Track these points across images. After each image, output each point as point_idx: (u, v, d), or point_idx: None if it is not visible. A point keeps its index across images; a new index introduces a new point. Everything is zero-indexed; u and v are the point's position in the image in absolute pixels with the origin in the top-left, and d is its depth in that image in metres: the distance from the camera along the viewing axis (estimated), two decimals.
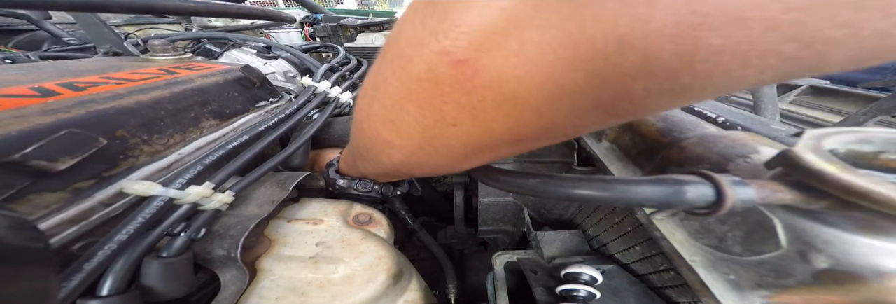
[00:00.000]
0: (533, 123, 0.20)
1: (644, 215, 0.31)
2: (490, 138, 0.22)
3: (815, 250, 0.20)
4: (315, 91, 0.73)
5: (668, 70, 0.14)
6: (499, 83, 0.18)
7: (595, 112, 0.18)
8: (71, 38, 1.40)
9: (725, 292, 0.23)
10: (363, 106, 0.29)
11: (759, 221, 0.23)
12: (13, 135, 0.30)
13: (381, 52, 0.25)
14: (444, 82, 0.19)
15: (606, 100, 0.17)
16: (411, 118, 0.23)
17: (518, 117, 0.19)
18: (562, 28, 0.15)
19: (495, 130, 0.21)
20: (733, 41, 0.13)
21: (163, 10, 0.68)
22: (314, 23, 1.70)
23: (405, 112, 0.23)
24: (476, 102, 0.19)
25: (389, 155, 0.29)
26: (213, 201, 0.40)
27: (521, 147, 0.24)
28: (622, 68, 0.15)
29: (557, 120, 0.19)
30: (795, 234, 0.21)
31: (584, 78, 0.16)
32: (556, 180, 0.25)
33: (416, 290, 0.45)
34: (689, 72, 0.14)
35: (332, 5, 8.14)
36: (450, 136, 0.23)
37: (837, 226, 0.20)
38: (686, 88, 0.15)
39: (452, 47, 0.18)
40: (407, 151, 0.27)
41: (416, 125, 0.24)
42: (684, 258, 0.26)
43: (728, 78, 0.14)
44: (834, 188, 0.18)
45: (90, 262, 0.30)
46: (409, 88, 0.22)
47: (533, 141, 0.23)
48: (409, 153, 0.27)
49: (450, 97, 0.20)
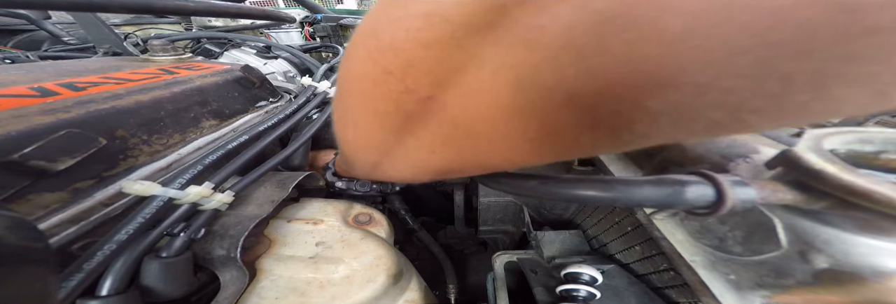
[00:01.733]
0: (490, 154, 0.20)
1: (644, 215, 0.31)
2: (461, 164, 0.22)
3: (815, 250, 0.20)
4: (315, 91, 0.72)
5: (607, 130, 0.15)
6: (466, 115, 0.18)
7: (554, 153, 0.19)
8: (71, 38, 1.40)
9: (725, 292, 0.23)
10: (337, 120, 0.28)
11: (760, 221, 0.23)
12: (13, 135, 0.30)
13: (337, 82, 0.25)
14: (414, 115, 0.19)
15: (561, 146, 0.17)
16: (385, 145, 0.23)
17: (478, 148, 0.20)
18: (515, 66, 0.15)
19: (467, 157, 0.21)
20: (667, 106, 0.13)
21: (163, 10, 0.68)
22: (314, 23, 1.70)
23: (377, 139, 0.23)
24: (449, 132, 0.19)
25: (369, 173, 0.30)
26: (212, 201, 0.40)
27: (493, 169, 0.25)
28: (569, 121, 0.15)
29: (519, 156, 0.20)
30: (795, 234, 0.21)
31: (538, 128, 0.16)
32: (556, 180, 0.25)
33: (416, 290, 0.45)
34: (626, 130, 0.15)
35: (332, 5, 8.14)
36: (427, 159, 0.23)
37: (837, 226, 0.20)
38: (623, 144, 0.16)
39: (415, 86, 0.18)
40: (382, 168, 0.27)
41: (391, 149, 0.24)
42: (684, 258, 0.26)
43: (660, 137, 0.15)
44: (834, 188, 0.18)
45: (90, 262, 0.30)
46: (380, 121, 0.22)
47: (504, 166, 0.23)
48: (383, 170, 0.27)
49: (422, 127, 0.20)
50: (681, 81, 0.12)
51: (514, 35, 0.14)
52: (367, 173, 0.30)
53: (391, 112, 0.20)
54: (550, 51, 0.14)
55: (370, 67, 0.19)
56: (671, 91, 0.13)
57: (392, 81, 0.18)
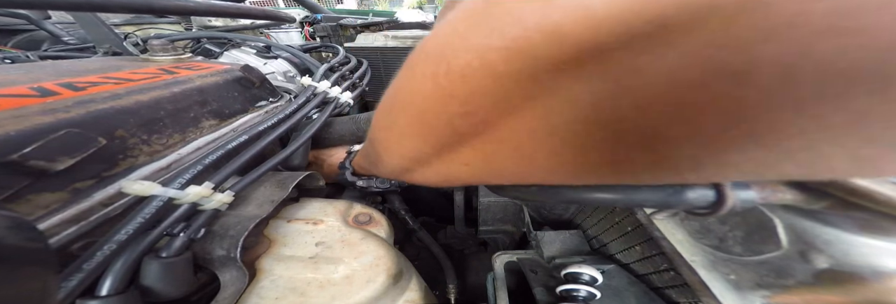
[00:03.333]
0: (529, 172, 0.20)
1: (644, 215, 0.31)
2: (492, 178, 0.23)
3: (816, 250, 0.20)
4: (315, 91, 0.72)
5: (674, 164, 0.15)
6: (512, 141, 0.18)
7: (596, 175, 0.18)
8: (71, 38, 1.39)
9: (725, 292, 0.23)
10: (381, 126, 0.28)
11: (760, 221, 0.23)
12: (12, 135, 0.30)
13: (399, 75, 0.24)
14: (460, 132, 0.19)
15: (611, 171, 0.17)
16: (420, 154, 0.24)
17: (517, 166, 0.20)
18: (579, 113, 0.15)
19: (502, 174, 0.21)
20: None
21: (163, 10, 0.68)
22: (314, 23, 1.70)
23: (417, 149, 0.23)
24: (490, 151, 0.19)
25: (393, 174, 0.30)
26: (212, 201, 0.40)
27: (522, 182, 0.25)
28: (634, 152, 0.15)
29: (557, 176, 0.19)
30: (796, 234, 0.21)
31: (598, 156, 0.16)
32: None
33: (416, 290, 0.45)
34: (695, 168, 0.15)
35: (332, 5, 8.14)
36: (459, 171, 0.23)
37: (838, 226, 0.20)
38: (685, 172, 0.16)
39: (475, 110, 0.18)
40: (411, 174, 0.28)
41: (424, 158, 0.24)
42: (684, 258, 0.26)
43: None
44: (834, 188, 0.18)
45: (89, 262, 0.30)
46: (426, 135, 0.22)
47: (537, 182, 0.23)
48: (411, 175, 0.28)
49: (466, 144, 0.20)
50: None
51: (606, 74, 0.14)
52: (394, 175, 0.31)
53: (442, 130, 0.20)
54: (644, 91, 0.13)
55: (431, 87, 0.18)
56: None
57: (454, 104, 0.18)
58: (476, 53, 0.16)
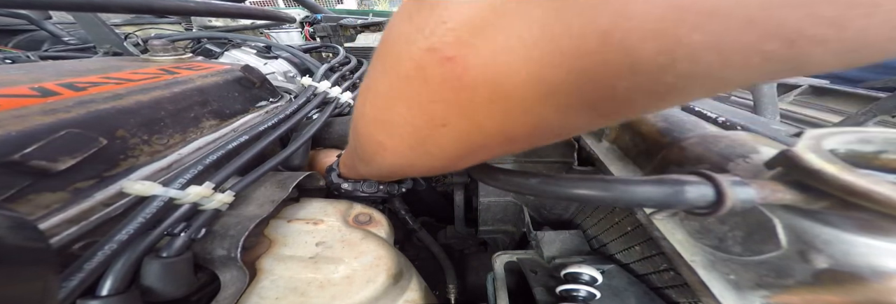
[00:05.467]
0: (523, 121, 0.19)
1: (644, 215, 0.31)
2: (481, 137, 0.22)
3: (815, 251, 0.20)
4: (315, 91, 0.73)
5: (651, 69, 0.14)
6: (487, 81, 0.17)
7: (583, 112, 0.18)
8: (71, 38, 1.40)
9: (725, 292, 0.23)
10: (358, 107, 0.29)
11: (760, 221, 0.23)
12: (13, 135, 0.30)
13: (375, 51, 0.25)
14: (432, 81, 0.19)
15: (592, 99, 0.17)
16: (401, 119, 0.23)
17: (507, 116, 0.19)
18: (545, 23, 0.14)
19: (486, 129, 0.21)
20: (713, 39, 0.12)
21: (163, 10, 0.68)
22: (314, 23, 1.70)
23: (395, 113, 0.23)
24: (465, 100, 0.19)
25: (382, 157, 0.29)
26: (213, 201, 0.40)
27: (513, 146, 0.24)
28: (606, 66, 0.14)
29: (547, 119, 0.19)
30: (795, 234, 0.21)
31: (568, 75, 0.15)
32: (556, 179, 0.25)
33: (416, 290, 0.45)
34: (671, 71, 0.14)
35: (332, 5, 8.14)
36: (440, 136, 0.23)
37: (837, 226, 0.20)
38: (670, 89, 0.15)
39: (440, 44, 0.17)
40: (399, 152, 0.27)
41: (407, 126, 0.23)
42: (684, 258, 0.26)
43: (711, 78, 0.14)
44: (834, 188, 0.18)
45: (90, 262, 0.30)
46: (398, 87, 0.22)
47: (525, 140, 0.23)
48: (401, 155, 0.27)
49: (438, 96, 0.20)
50: (724, 12, 0.12)
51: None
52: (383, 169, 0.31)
53: (413, 78, 0.20)
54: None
55: (407, 25, 0.19)
56: (716, 23, 0.12)
57: (420, 38, 0.18)
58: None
